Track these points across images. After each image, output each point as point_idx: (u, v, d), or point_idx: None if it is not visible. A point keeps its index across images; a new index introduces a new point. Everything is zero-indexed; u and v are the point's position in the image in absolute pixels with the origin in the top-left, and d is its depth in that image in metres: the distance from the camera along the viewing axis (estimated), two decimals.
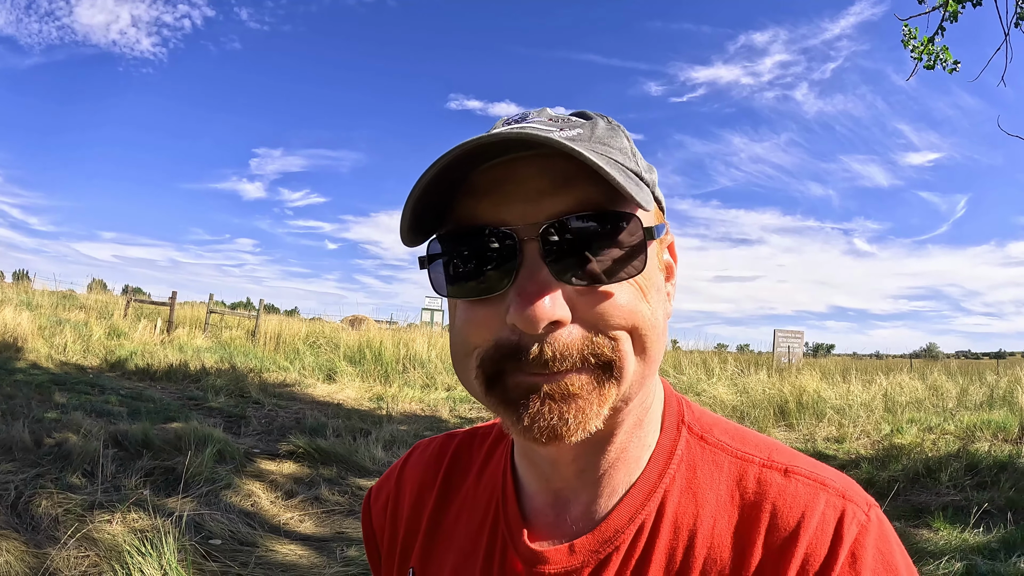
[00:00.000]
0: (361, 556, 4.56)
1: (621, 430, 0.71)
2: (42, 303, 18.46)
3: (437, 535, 0.87)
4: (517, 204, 0.64)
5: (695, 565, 0.68)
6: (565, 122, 0.69)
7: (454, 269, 0.67)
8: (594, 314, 0.63)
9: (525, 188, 0.64)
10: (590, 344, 0.63)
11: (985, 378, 13.84)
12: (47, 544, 4.07)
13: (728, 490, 0.71)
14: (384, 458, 7.28)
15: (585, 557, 0.72)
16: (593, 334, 0.63)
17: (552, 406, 0.62)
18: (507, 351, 0.63)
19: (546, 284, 0.62)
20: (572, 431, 0.62)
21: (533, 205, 0.63)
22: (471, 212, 0.66)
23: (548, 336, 0.62)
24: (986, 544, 5.07)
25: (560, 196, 0.63)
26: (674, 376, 13.82)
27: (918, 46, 8.37)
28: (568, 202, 0.63)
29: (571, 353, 0.62)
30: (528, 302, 0.61)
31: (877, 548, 0.64)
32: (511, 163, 0.64)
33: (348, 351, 16.03)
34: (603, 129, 0.69)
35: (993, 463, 7.23)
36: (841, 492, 0.68)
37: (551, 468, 0.75)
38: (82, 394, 9.23)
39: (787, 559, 0.64)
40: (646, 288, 0.66)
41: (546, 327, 0.61)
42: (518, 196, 0.64)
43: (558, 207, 0.63)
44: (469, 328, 0.66)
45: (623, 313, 0.63)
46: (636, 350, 0.65)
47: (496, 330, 0.64)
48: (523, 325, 0.61)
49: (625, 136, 0.71)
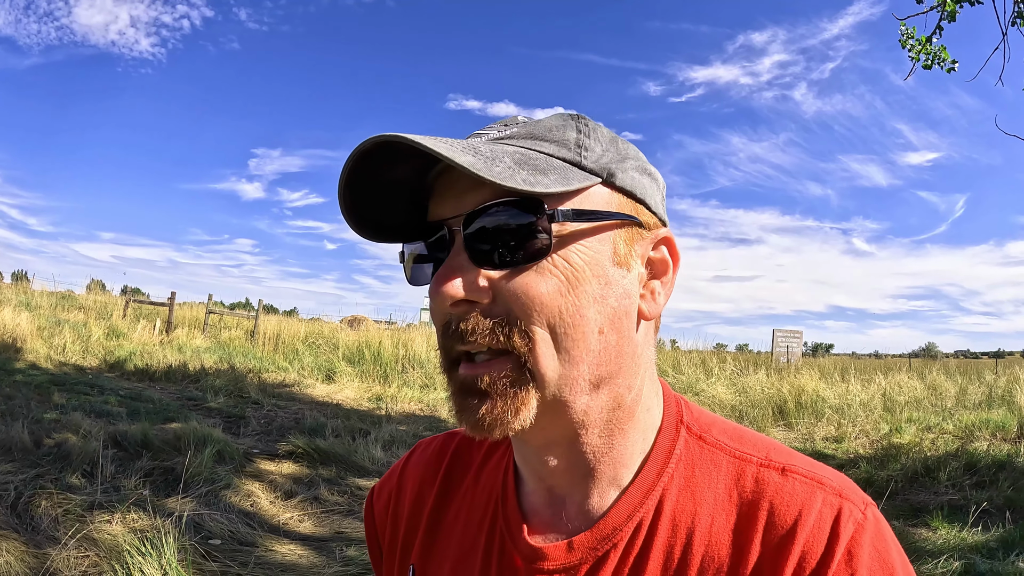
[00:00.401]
0: (360, 556, 4.57)
1: (590, 431, 0.72)
2: (41, 304, 18.44)
3: (437, 532, 0.87)
4: (451, 200, 0.69)
5: (693, 562, 0.68)
6: (514, 124, 0.73)
7: (417, 261, 0.75)
8: (508, 299, 0.66)
9: (456, 186, 0.69)
10: (499, 328, 0.66)
11: (984, 377, 13.88)
12: (47, 544, 4.08)
13: (726, 488, 0.71)
14: (383, 458, 7.29)
15: (583, 554, 0.73)
16: (508, 320, 0.66)
17: (471, 401, 0.67)
18: (443, 329, 0.69)
19: (458, 267, 0.67)
20: (491, 426, 0.66)
21: (460, 200, 0.68)
22: (430, 212, 0.72)
23: (465, 315, 0.67)
24: (984, 543, 5.09)
25: (481, 189, 0.66)
26: (673, 376, 13.83)
27: (916, 46, 8.38)
28: (483, 195, 0.66)
29: (481, 329, 0.66)
30: (438, 282, 0.66)
31: (873, 546, 0.65)
32: (452, 168, 0.68)
33: (347, 351, 16.04)
34: (545, 126, 0.71)
35: (992, 462, 7.25)
36: (838, 491, 0.69)
37: (539, 465, 0.76)
38: (81, 395, 9.24)
39: (784, 556, 0.65)
40: (572, 279, 0.66)
41: (459, 306, 0.67)
42: (451, 193, 0.69)
43: (478, 199, 0.67)
44: (432, 314, 0.71)
45: (535, 302, 0.65)
46: (556, 349, 0.66)
47: (443, 313, 0.69)
48: (432, 302, 0.68)
49: (578, 130, 0.72)
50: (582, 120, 0.73)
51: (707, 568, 0.68)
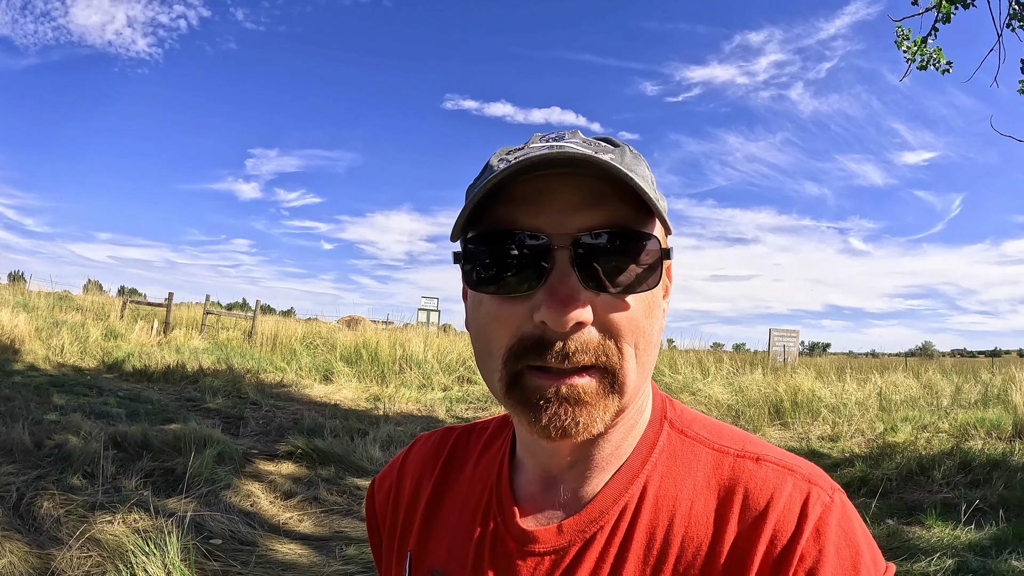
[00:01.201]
0: (360, 555, 4.60)
1: (616, 429, 0.78)
2: (38, 304, 18.45)
3: (434, 520, 0.92)
4: (552, 214, 0.70)
5: (674, 542, 0.73)
6: (598, 146, 0.75)
7: (488, 267, 0.73)
8: (609, 321, 0.70)
9: (560, 201, 0.70)
10: (603, 346, 0.70)
11: (980, 376, 13.91)
12: (50, 545, 4.10)
13: (705, 476, 0.77)
14: (381, 458, 7.30)
15: (572, 536, 0.77)
16: (606, 339, 0.70)
17: (567, 408, 0.69)
18: (530, 344, 0.70)
19: (575, 289, 0.68)
20: (580, 432, 0.70)
21: (566, 217, 0.69)
22: (509, 217, 0.71)
23: (571, 333, 0.68)
24: (978, 541, 5.12)
25: (592, 211, 0.69)
26: (670, 375, 13.83)
27: (911, 47, 8.42)
28: (598, 217, 0.69)
29: (589, 349, 0.69)
30: (560, 303, 0.67)
31: (840, 525, 0.70)
32: (548, 177, 0.70)
33: (344, 352, 16.04)
34: (630, 157, 0.75)
35: (986, 461, 7.28)
36: (807, 477, 0.74)
37: (550, 459, 0.81)
38: (80, 396, 9.26)
39: (757, 534, 0.70)
40: (652, 304, 0.74)
41: (573, 327, 0.68)
42: (553, 207, 0.70)
43: (589, 221, 0.69)
44: (495, 324, 0.73)
45: (632, 323, 0.71)
46: (638, 363, 0.73)
47: (520, 326, 0.71)
48: (553, 323, 0.67)
49: (646, 166, 0.78)
50: (641, 156, 0.79)
51: (687, 547, 0.73)
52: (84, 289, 28.50)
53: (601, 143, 0.77)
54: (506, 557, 0.81)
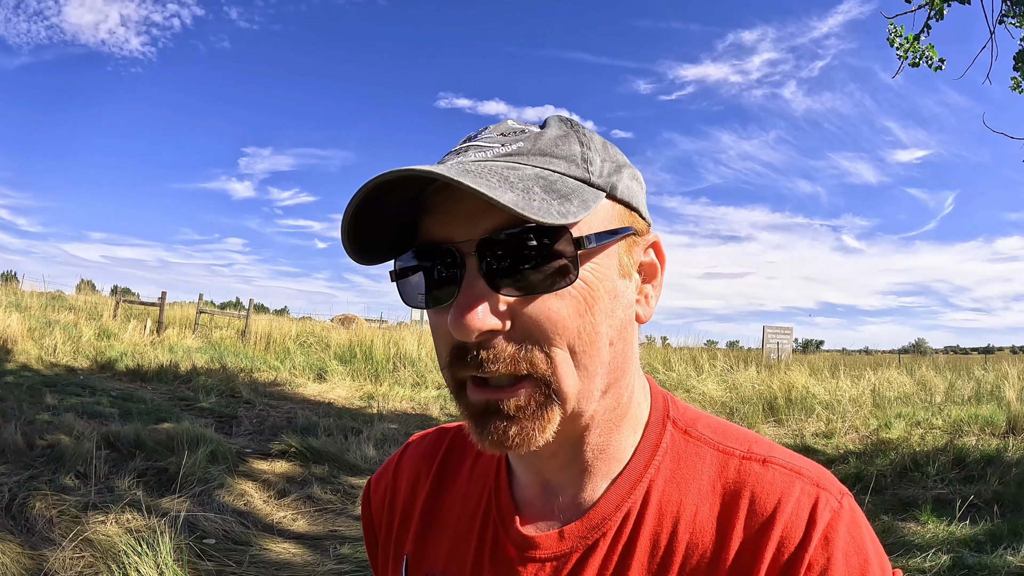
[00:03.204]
0: (354, 554, 4.59)
1: (592, 432, 0.75)
2: (31, 304, 18.35)
3: (431, 523, 0.90)
4: (460, 221, 0.67)
5: (678, 549, 0.71)
6: (514, 135, 0.73)
7: (413, 283, 0.73)
8: (528, 324, 0.66)
9: (466, 207, 0.67)
10: (526, 354, 0.66)
11: (973, 373, 13.95)
12: (43, 546, 4.08)
13: (710, 480, 0.74)
14: (375, 456, 7.30)
15: (574, 543, 0.75)
16: (528, 346, 0.67)
17: (498, 424, 0.67)
18: (456, 355, 0.68)
19: (479, 295, 0.66)
20: (516, 446, 0.67)
21: (472, 222, 0.67)
22: (427, 230, 0.70)
23: (485, 343, 0.66)
24: (973, 537, 5.13)
25: (494, 213, 0.65)
26: (664, 373, 13.83)
27: (903, 44, 8.44)
28: (500, 219, 0.65)
29: (503, 358, 0.66)
30: (461, 313, 0.65)
31: (848, 532, 0.68)
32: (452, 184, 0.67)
33: (338, 350, 16.00)
34: (550, 139, 0.71)
35: (980, 457, 7.29)
36: (815, 481, 0.72)
37: (538, 463, 0.79)
38: (73, 395, 9.20)
39: (764, 541, 0.68)
40: (588, 299, 0.68)
41: (481, 335, 0.66)
42: (460, 214, 0.67)
43: (492, 223, 0.66)
44: (435, 336, 0.72)
45: (556, 326, 0.66)
46: (576, 367, 0.68)
47: (450, 337, 0.68)
48: (457, 334, 0.66)
49: (580, 141, 0.73)
50: (579, 129, 0.74)
51: (692, 554, 0.71)
52: (77, 289, 28.43)
53: (521, 131, 0.73)
54: (506, 563, 0.79)
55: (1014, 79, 8.54)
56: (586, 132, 0.75)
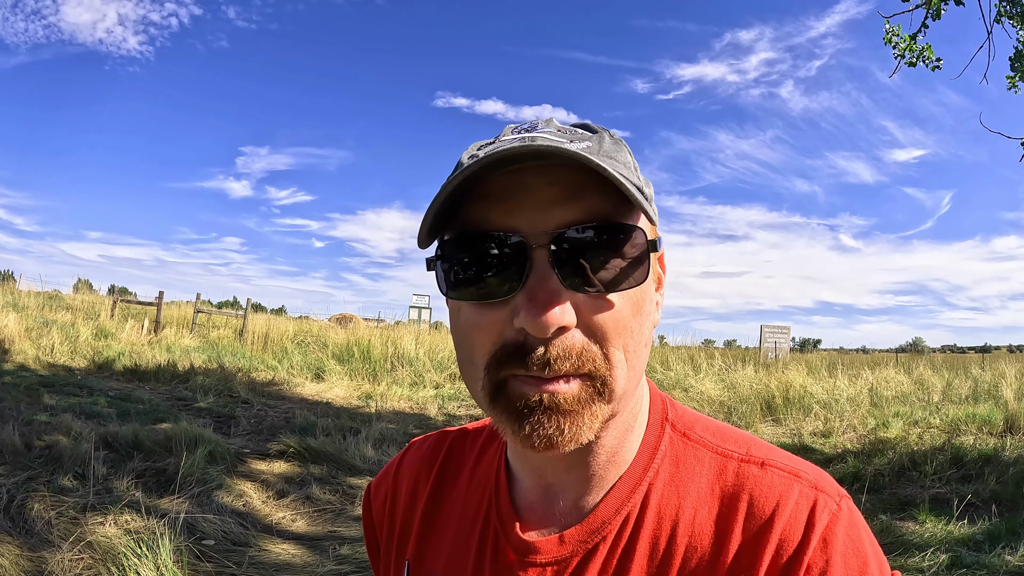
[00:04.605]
0: (354, 554, 4.59)
1: (609, 434, 0.75)
2: (28, 304, 18.29)
3: (432, 528, 0.90)
4: (528, 212, 0.66)
5: (677, 552, 0.72)
6: (573, 134, 0.72)
7: (463, 272, 0.69)
8: (594, 323, 0.66)
9: (536, 197, 0.66)
10: (588, 351, 0.66)
11: (970, 372, 13.99)
12: (42, 547, 4.07)
13: (709, 483, 0.75)
14: (374, 456, 7.30)
15: (574, 547, 0.76)
16: (592, 342, 0.66)
17: (552, 417, 0.66)
18: (512, 351, 0.66)
19: (556, 291, 0.64)
20: (567, 442, 0.66)
21: (544, 213, 0.65)
22: (482, 217, 0.68)
23: (553, 339, 0.65)
24: (971, 536, 5.14)
25: (570, 206, 0.65)
26: (661, 372, 13.84)
27: (900, 43, 8.45)
28: (577, 212, 0.65)
29: (572, 356, 0.65)
30: (540, 307, 0.63)
31: (847, 534, 0.68)
32: (522, 171, 0.66)
33: (336, 350, 16.00)
34: (609, 143, 0.72)
35: (978, 456, 7.31)
36: (814, 483, 0.73)
37: (543, 465, 0.79)
38: (71, 396, 9.19)
39: (763, 544, 0.68)
40: (640, 301, 0.69)
41: (554, 332, 0.64)
42: (529, 204, 0.66)
43: (568, 216, 0.65)
44: (475, 332, 0.69)
45: (619, 325, 0.67)
46: (627, 367, 0.69)
47: (501, 333, 0.67)
48: (533, 329, 0.64)
49: (628, 152, 0.74)
50: (624, 142, 0.76)
51: (691, 557, 0.71)
52: (74, 288, 28.35)
53: (578, 131, 0.73)
54: (506, 568, 0.79)
55: (1010, 79, 8.56)
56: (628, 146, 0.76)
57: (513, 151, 0.62)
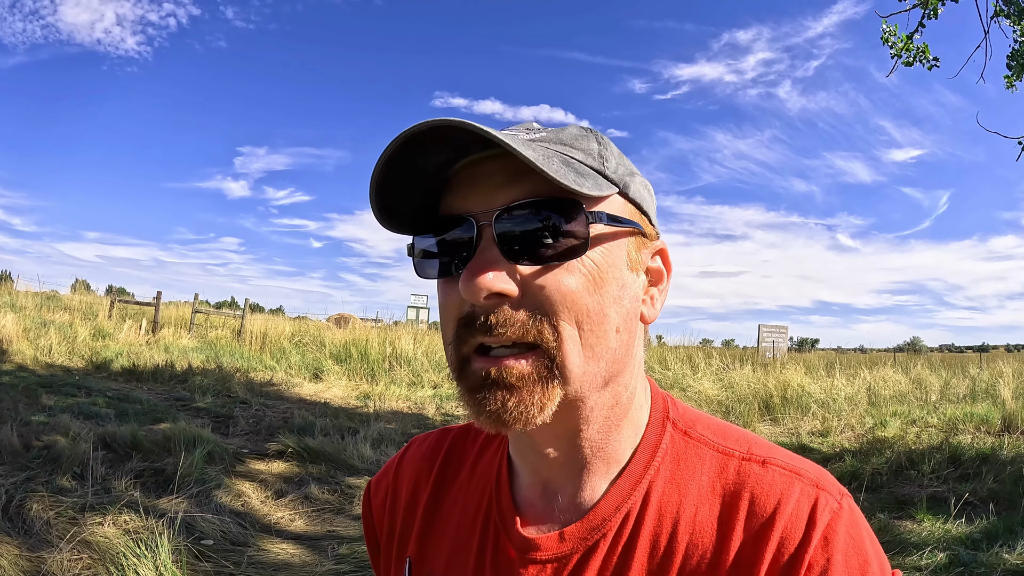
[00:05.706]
0: (353, 554, 4.59)
1: (591, 426, 0.75)
2: (26, 304, 18.27)
3: (433, 525, 0.90)
4: (479, 195, 0.71)
5: (678, 549, 0.72)
6: (537, 131, 0.76)
7: (428, 254, 0.75)
8: (541, 294, 0.68)
9: (486, 182, 0.71)
10: (534, 323, 0.68)
11: (968, 371, 14.02)
12: (41, 547, 4.07)
13: (710, 481, 0.75)
14: (372, 456, 7.29)
15: (574, 544, 0.76)
16: (538, 316, 0.68)
17: (497, 394, 0.68)
18: (464, 323, 0.70)
19: (492, 261, 0.68)
20: (512, 420, 0.68)
21: (491, 196, 0.70)
22: (447, 205, 0.74)
23: (495, 308, 0.68)
24: (969, 535, 5.15)
25: (513, 187, 0.69)
26: (660, 371, 13.86)
27: (897, 43, 8.45)
28: (519, 192, 0.69)
29: (516, 323, 0.67)
30: (472, 274, 0.67)
31: (848, 532, 0.69)
32: (479, 163, 0.71)
33: (334, 350, 16.02)
34: (570, 134, 0.75)
35: (975, 455, 7.32)
36: (815, 482, 0.73)
37: (536, 459, 0.79)
38: (69, 396, 9.18)
39: (764, 542, 0.69)
40: (598, 280, 0.70)
41: (491, 299, 0.68)
42: (480, 189, 0.71)
43: (510, 196, 0.69)
44: (443, 310, 0.74)
45: (566, 298, 0.68)
46: (582, 346, 0.69)
47: (460, 307, 0.71)
48: (466, 294, 0.68)
49: (598, 141, 0.76)
50: (597, 133, 0.78)
51: (692, 555, 0.71)
52: (72, 289, 28.37)
53: (546, 128, 0.77)
54: (507, 565, 0.80)
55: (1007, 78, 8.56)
56: (604, 138, 0.78)
57: (416, 128, 0.66)
